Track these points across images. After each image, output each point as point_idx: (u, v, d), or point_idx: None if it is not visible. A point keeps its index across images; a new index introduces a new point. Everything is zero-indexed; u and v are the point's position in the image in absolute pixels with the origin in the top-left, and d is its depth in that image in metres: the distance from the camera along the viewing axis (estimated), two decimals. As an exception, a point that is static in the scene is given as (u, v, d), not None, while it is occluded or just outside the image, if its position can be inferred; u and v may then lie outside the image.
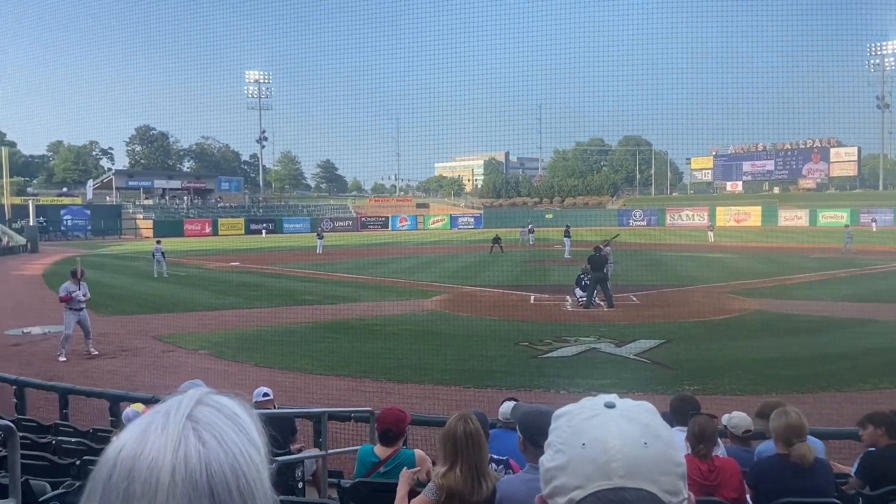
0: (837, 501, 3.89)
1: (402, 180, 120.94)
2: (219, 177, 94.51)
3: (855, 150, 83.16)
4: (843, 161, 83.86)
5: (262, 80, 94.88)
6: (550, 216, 76.28)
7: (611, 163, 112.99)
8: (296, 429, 7.50)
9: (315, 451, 6.60)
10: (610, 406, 0.98)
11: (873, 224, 59.48)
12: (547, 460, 0.99)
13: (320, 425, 6.55)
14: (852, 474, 4.99)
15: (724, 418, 5.57)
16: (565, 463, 0.96)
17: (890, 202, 70.21)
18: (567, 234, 37.70)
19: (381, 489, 4.25)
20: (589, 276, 19.68)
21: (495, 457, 4.41)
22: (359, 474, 4.68)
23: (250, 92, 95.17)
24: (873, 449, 4.99)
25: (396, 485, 3.89)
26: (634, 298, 20.79)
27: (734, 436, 5.57)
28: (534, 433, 3.79)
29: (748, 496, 4.20)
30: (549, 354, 13.79)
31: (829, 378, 11.36)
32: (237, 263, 36.32)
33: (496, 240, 40.85)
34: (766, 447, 4.78)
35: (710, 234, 51.26)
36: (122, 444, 0.82)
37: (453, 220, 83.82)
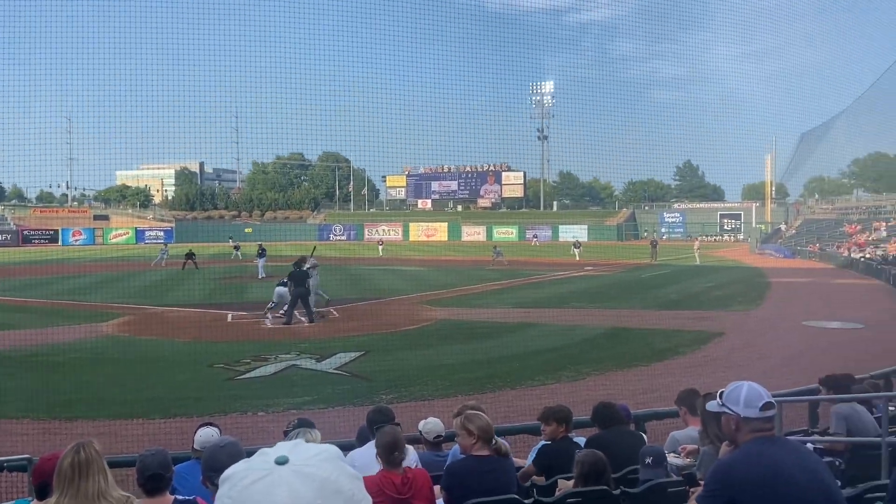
0: (516, 496, 4.23)
1: (76, 189, 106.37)
2: None
3: (521, 174, 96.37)
4: (513, 184, 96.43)
5: None
6: (250, 230, 74.21)
7: (311, 178, 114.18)
8: None
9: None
10: (281, 462, 0.82)
11: (534, 240, 69.54)
12: None
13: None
14: (528, 463, 5.53)
15: (420, 424, 5.77)
16: None
17: (548, 220, 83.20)
18: (260, 255, 33.72)
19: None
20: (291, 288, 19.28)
21: (179, 498, 3.91)
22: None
23: None
24: (549, 442, 5.58)
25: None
26: (335, 312, 21.03)
27: (427, 441, 5.80)
28: (208, 469, 3.43)
29: (441, 501, 4.35)
30: (247, 375, 13.17)
31: (504, 378, 12.70)
32: None
33: (189, 255, 38.20)
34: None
35: (380, 248, 53.79)
36: None
37: (139, 234, 76.26)
